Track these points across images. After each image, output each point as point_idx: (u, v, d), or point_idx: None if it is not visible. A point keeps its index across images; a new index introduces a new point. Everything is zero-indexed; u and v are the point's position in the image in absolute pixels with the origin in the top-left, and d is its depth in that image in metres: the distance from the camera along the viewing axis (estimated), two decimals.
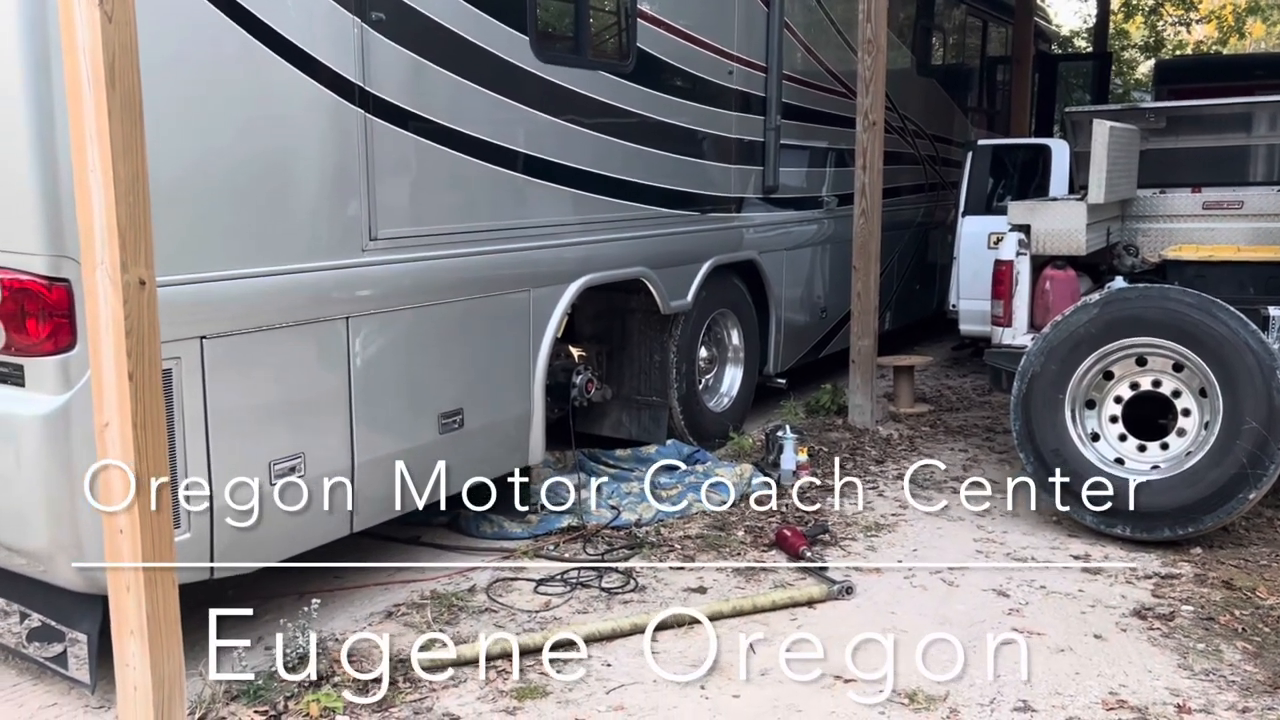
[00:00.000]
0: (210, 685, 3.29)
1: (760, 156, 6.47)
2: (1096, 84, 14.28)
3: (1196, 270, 5.55)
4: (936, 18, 9.75)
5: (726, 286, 6.29)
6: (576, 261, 4.95)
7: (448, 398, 4.26)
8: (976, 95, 11.17)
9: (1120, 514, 4.61)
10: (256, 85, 3.43)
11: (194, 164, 3.25)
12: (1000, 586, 4.24)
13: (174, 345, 3.13)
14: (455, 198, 4.25)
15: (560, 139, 4.80)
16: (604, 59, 5.23)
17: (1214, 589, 4.19)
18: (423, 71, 4.04)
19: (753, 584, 4.27)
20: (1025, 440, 4.83)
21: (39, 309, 2.96)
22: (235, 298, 3.38)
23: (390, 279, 3.94)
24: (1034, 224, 5.56)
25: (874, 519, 5.06)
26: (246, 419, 3.45)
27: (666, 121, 5.56)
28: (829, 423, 6.75)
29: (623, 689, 3.41)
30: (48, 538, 3.07)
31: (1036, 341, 4.89)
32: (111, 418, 2.63)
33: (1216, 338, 4.50)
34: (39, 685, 3.48)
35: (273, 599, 4.08)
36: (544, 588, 4.21)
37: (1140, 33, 21.78)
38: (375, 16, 3.80)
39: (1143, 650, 3.68)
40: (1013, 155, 8.61)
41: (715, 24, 5.94)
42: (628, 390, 5.95)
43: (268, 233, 3.49)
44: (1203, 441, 4.56)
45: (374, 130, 3.83)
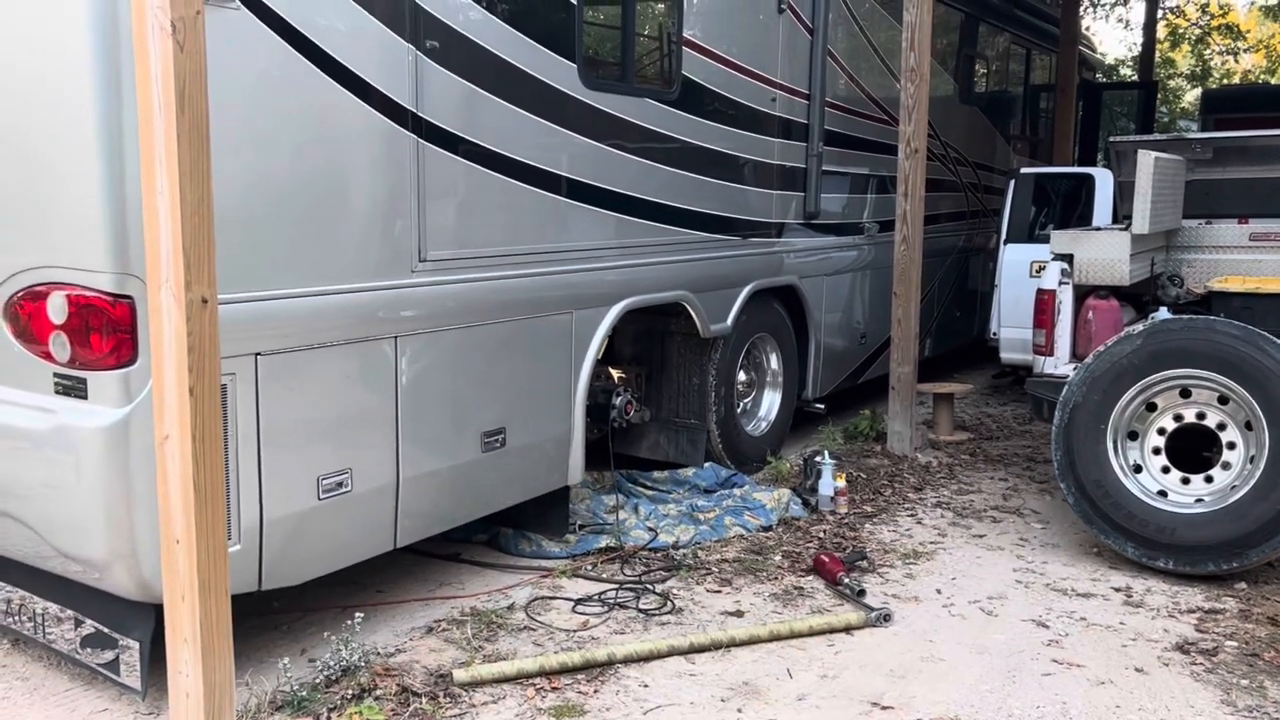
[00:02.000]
0: (256, 695, 3.36)
1: (802, 182, 6.52)
2: (1142, 113, 14.18)
3: (1243, 302, 5.49)
4: (979, 46, 9.76)
5: (766, 311, 6.33)
6: (618, 284, 5.02)
7: (491, 417, 4.33)
8: (1019, 123, 11.15)
9: (1163, 547, 4.57)
10: (314, 110, 3.52)
11: (253, 186, 3.35)
12: (1040, 617, 4.22)
13: (230, 361, 3.22)
14: (502, 221, 4.33)
15: (605, 164, 4.88)
16: (649, 86, 5.31)
17: (1259, 625, 4.13)
18: (474, 98, 4.13)
19: (790, 609, 4.27)
20: (1066, 470, 4.81)
21: (103, 324, 3.06)
22: (289, 316, 3.47)
23: (437, 300, 4.03)
24: (1077, 253, 5.54)
25: (913, 546, 5.04)
26: (297, 434, 3.53)
27: (709, 147, 5.63)
28: (867, 449, 6.74)
29: (659, 710, 3.43)
30: (105, 547, 3.15)
31: (1079, 371, 4.86)
32: (172, 431, 2.71)
33: (1263, 371, 4.46)
34: (90, 690, 3.56)
35: (316, 612, 4.16)
36: (582, 607, 4.25)
37: (1187, 61, 21.60)
38: (429, 44, 3.91)
39: (1185, 685, 3.64)
40: (1056, 184, 8.58)
41: (759, 51, 6.01)
42: (666, 412, 5.99)
43: (321, 253, 3.58)
44: (1248, 475, 4.51)
45: (425, 155, 3.92)
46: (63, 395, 3.18)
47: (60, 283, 3.12)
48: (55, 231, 3.13)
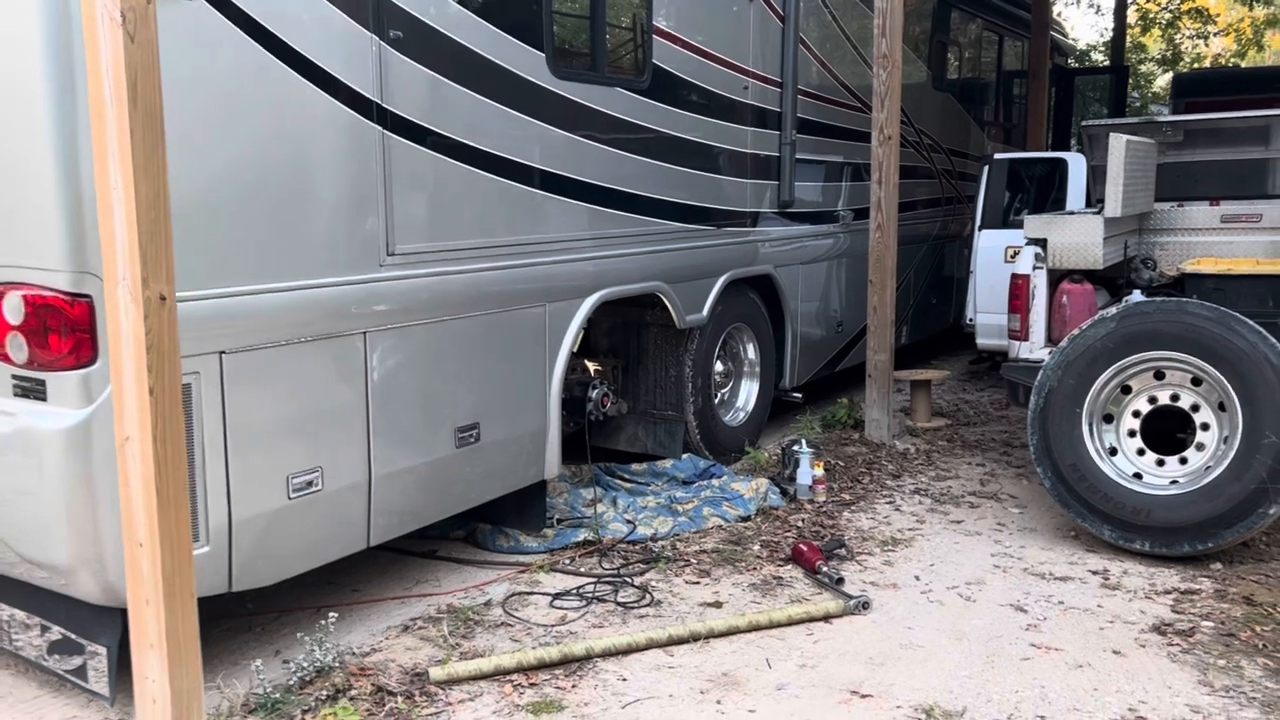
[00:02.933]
0: (228, 698, 3.31)
1: (775, 171, 6.49)
2: (1114, 97, 14.25)
3: (1215, 283, 5.51)
4: (952, 32, 9.76)
5: (742, 301, 6.30)
6: (592, 276, 4.97)
7: (464, 412, 4.28)
8: (993, 109, 11.17)
9: (1139, 529, 4.58)
10: (276, 103, 3.46)
11: (214, 181, 3.28)
12: (1018, 602, 4.22)
13: (193, 360, 3.16)
14: (472, 213, 4.28)
15: (576, 155, 4.83)
16: (620, 75, 5.27)
17: (1234, 604, 4.15)
18: (440, 88, 4.08)
19: (769, 599, 4.26)
20: (1043, 455, 4.81)
21: (61, 324, 3.00)
22: (253, 313, 3.41)
23: (407, 294, 3.97)
24: (1051, 238, 5.54)
25: (891, 533, 5.04)
26: (265, 433, 3.47)
27: (682, 137, 5.59)
28: (845, 437, 6.74)
29: (638, 704, 3.40)
30: (69, 552, 3.09)
31: (1054, 355, 4.87)
32: (132, 433, 2.66)
33: (1235, 352, 4.47)
34: (59, 697, 3.50)
35: (290, 612, 4.11)
36: (560, 602, 4.22)
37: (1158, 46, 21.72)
38: (394, 34, 3.85)
39: (1162, 666, 3.65)
40: (1029, 169, 8.59)
41: (730, 40, 5.97)
42: (643, 404, 5.96)
43: (286, 248, 3.52)
44: (1222, 456, 4.52)
45: (392, 147, 3.87)
46: (21, 397, 3.11)
47: (16, 282, 3.05)
48: (10, 230, 3.06)
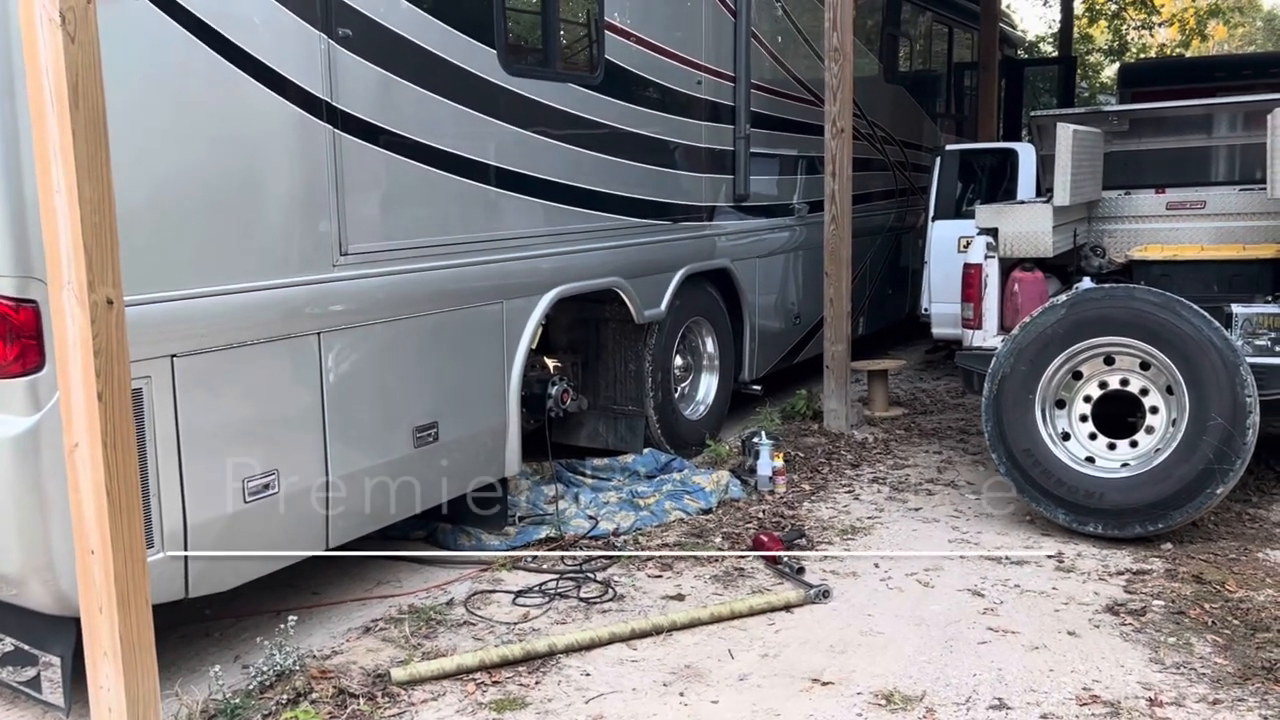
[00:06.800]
0: (186, 704, 3.27)
1: (731, 165, 6.52)
2: (1062, 88, 14.47)
3: (1161, 270, 5.63)
4: (903, 25, 9.86)
5: (700, 295, 6.33)
6: (549, 273, 4.97)
7: (422, 411, 4.26)
8: (944, 101, 11.29)
9: (1092, 512, 4.67)
10: (223, 103, 3.42)
11: (161, 182, 3.24)
12: (975, 586, 4.28)
13: (144, 364, 3.12)
14: (426, 211, 4.26)
15: (530, 151, 4.82)
16: (573, 71, 5.26)
17: (1184, 583, 4.24)
18: (391, 86, 4.05)
19: (731, 590, 4.28)
20: (997, 441, 4.88)
21: (6, 330, 2.94)
22: (205, 315, 3.37)
23: (362, 294, 3.94)
24: (1001, 227, 5.63)
25: (850, 522, 5.09)
26: (219, 436, 3.44)
27: (636, 132, 5.59)
28: (805, 428, 6.79)
29: (602, 698, 3.41)
30: (19, 561, 3.04)
31: (1006, 343, 4.94)
32: (81, 438, 2.61)
33: (1181, 336, 4.57)
34: (13, 710, 3.44)
35: (250, 617, 4.06)
36: (522, 599, 4.21)
37: (1104, 37, 22.06)
38: (342, 33, 3.81)
39: (1115, 646, 3.73)
40: (980, 160, 8.70)
41: (683, 35, 5.99)
42: (604, 400, 5.97)
43: (237, 250, 3.48)
44: (1170, 438, 4.62)
45: (343, 146, 3.83)
46: None
47: None
48: None
